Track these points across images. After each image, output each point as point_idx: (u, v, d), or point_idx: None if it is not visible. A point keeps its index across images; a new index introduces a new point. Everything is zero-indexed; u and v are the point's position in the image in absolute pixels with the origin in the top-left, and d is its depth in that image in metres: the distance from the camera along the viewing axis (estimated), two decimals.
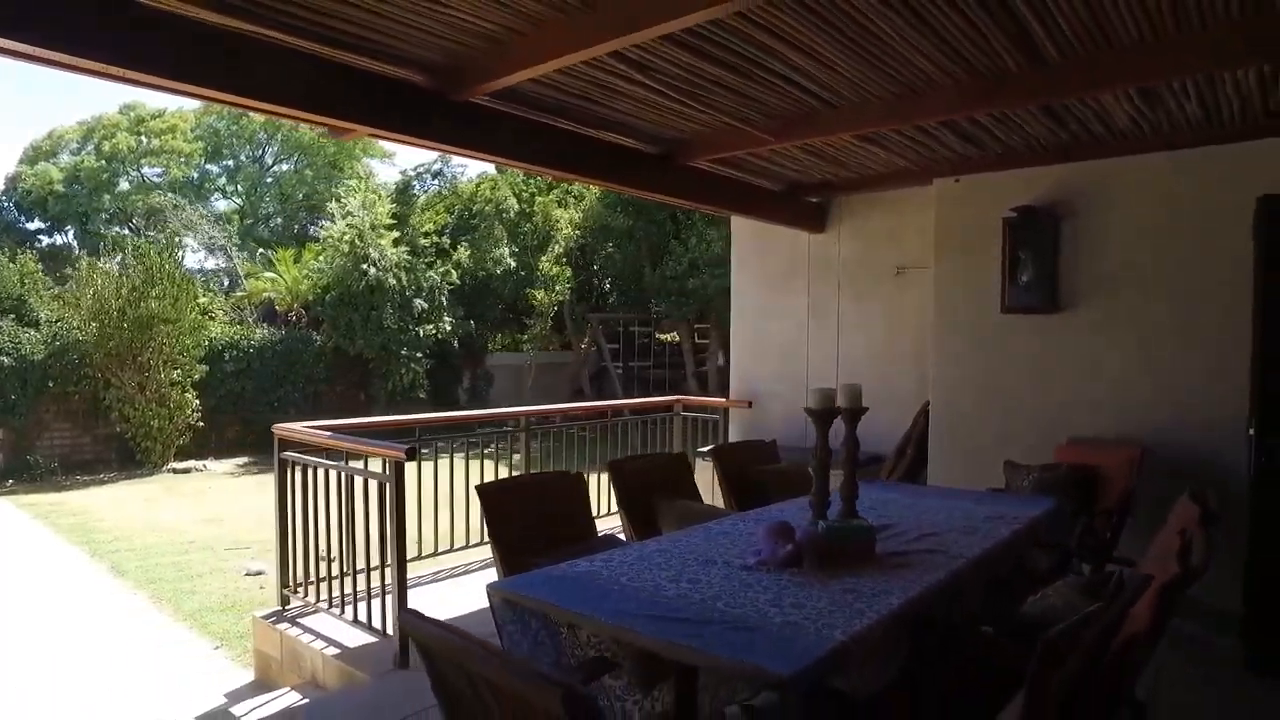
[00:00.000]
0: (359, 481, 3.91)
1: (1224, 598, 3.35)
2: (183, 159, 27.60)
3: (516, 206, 15.80)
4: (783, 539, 2.38)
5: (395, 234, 14.53)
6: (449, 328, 15.54)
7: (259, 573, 6.82)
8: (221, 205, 29.89)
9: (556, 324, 17.03)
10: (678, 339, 20.10)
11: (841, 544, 2.45)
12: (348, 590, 3.94)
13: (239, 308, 14.73)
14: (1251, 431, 3.60)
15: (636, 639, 1.85)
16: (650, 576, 2.23)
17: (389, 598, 3.78)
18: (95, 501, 9.78)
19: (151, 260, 11.85)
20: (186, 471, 11.95)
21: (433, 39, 2.83)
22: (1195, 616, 3.42)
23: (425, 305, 14.79)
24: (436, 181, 18.30)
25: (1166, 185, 4.17)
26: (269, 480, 4.48)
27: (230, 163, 30.00)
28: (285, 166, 30.89)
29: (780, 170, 5.22)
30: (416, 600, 3.92)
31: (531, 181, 16.55)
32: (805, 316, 6.25)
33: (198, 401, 12.35)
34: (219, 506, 9.48)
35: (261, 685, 4.14)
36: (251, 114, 17.10)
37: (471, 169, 18.74)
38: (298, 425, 4.32)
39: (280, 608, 4.30)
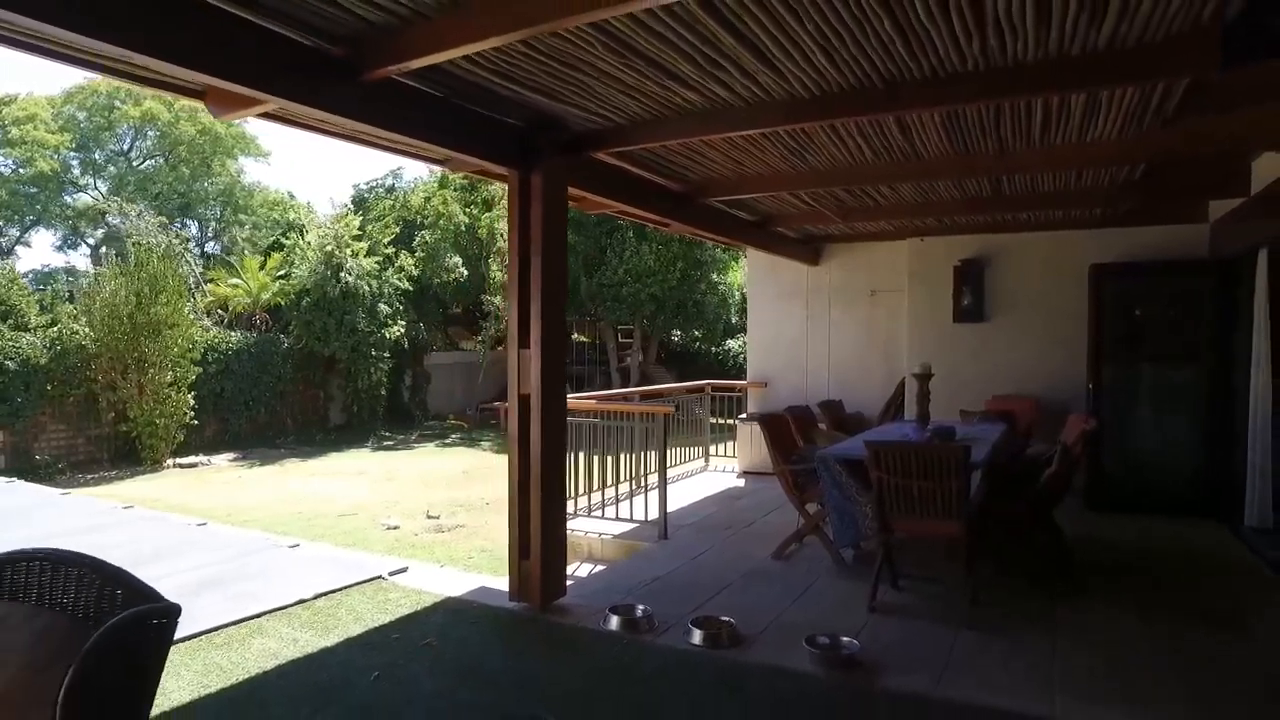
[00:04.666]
0: (625, 431, 6.18)
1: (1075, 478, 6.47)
2: (50, 151, 25.99)
3: (465, 221, 17.51)
4: (919, 430, 5.07)
5: (363, 244, 15.84)
6: (401, 330, 16.98)
7: (395, 527, 8.59)
8: (82, 199, 28.33)
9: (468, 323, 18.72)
10: (587, 339, 22.52)
11: (944, 433, 5.16)
12: (608, 498, 6.18)
13: (207, 312, 15.36)
14: (1090, 386, 6.80)
15: (869, 450, 4.45)
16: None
17: (637, 500, 6.10)
18: (143, 492, 10.68)
19: (155, 267, 12.59)
20: (193, 466, 12.80)
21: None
22: None
23: (388, 309, 16.20)
24: (389, 196, 19.44)
25: (1045, 251, 7.36)
26: (286, 468, 6.56)
27: (97, 155, 28.42)
28: (155, 162, 29.67)
29: (804, 227, 7.96)
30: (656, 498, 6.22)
31: (478, 199, 18.28)
32: (805, 323, 9.06)
33: (193, 400, 13.17)
34: (268, 491, 10.78)
35: None
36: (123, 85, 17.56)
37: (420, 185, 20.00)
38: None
39: None
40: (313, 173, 57.59)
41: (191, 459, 13.04)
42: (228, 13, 2.82)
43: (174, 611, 1.42)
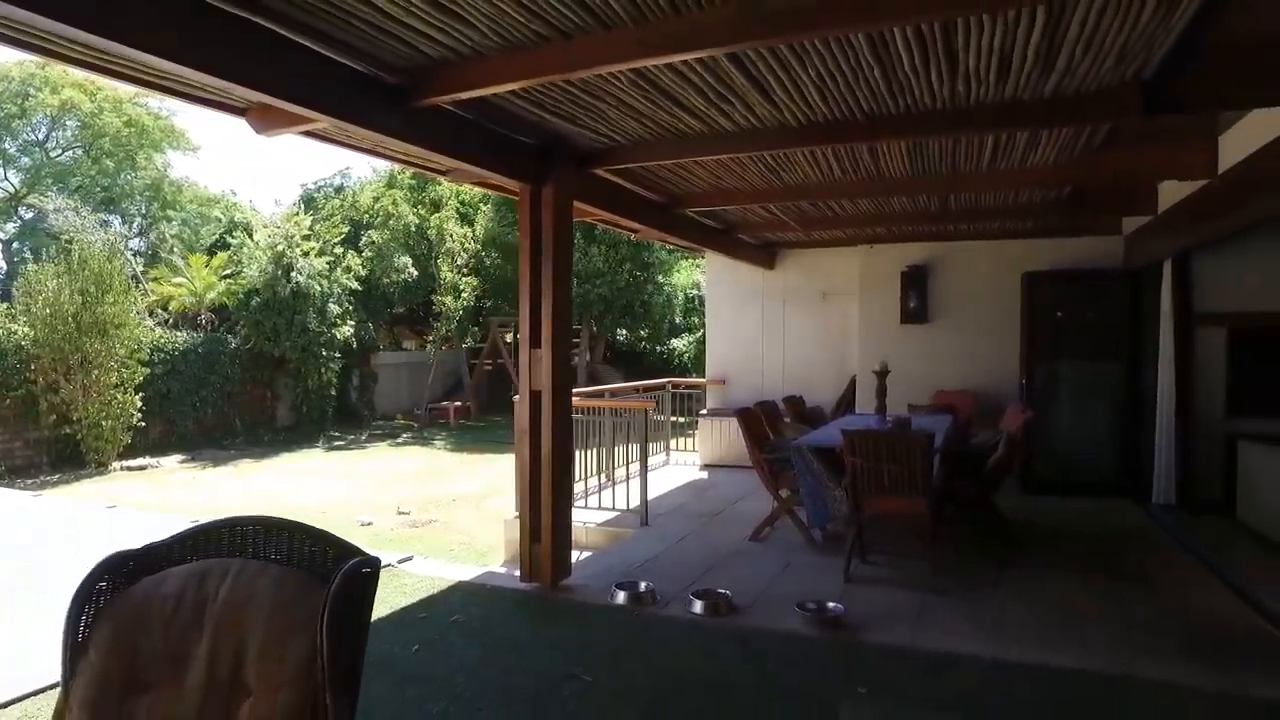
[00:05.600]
0: (605, 426, 6.58)
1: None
2: None
3: (415, 221, 17.54)
4: (881, 421, 5.66)
5: (314, 244, 15.73)
6: (351, 330, 16.91)
7: (369, 524, 8.77)
8: None
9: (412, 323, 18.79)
10: (513, 338, 22.65)
11: (902, 422, 5.77)
12: (590, 488, 6.57)
13: (150, 311, 14.97)
14: (1024, 382, 7.57)
15: (845, 438, 5.01)
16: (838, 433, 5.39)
17: (619, 488, 6.52)
18: (100, 494, 10.48)
19: (101, 265, 12.29)
20: (142, 469, 12.55)
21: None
22: None
23: (338, 309, 16.12)
24: (338, 196, 19.22)
25: (982, 259, 8.11)
26: (241, 468, 6.83)
27: (9, 145, 26.95)
28: (75, 153, 28.31)
29: (765, 234, 8.52)
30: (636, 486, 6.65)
31: (426, 200, 18.31)
32: (761, 323, 9.64)
33: (140, 402, 12.90)
34: (230, 492, 10.74)
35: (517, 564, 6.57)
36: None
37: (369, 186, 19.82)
38: None
39: (518, 511, 6.76)
40: (249, 170, 55.92)
41: (140, 461, 12.78)
42: (292, 40, 3.08)
43: (378, 562, 1.78)
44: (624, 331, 21.88)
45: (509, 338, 20.15)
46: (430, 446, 15.65)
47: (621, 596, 4.51)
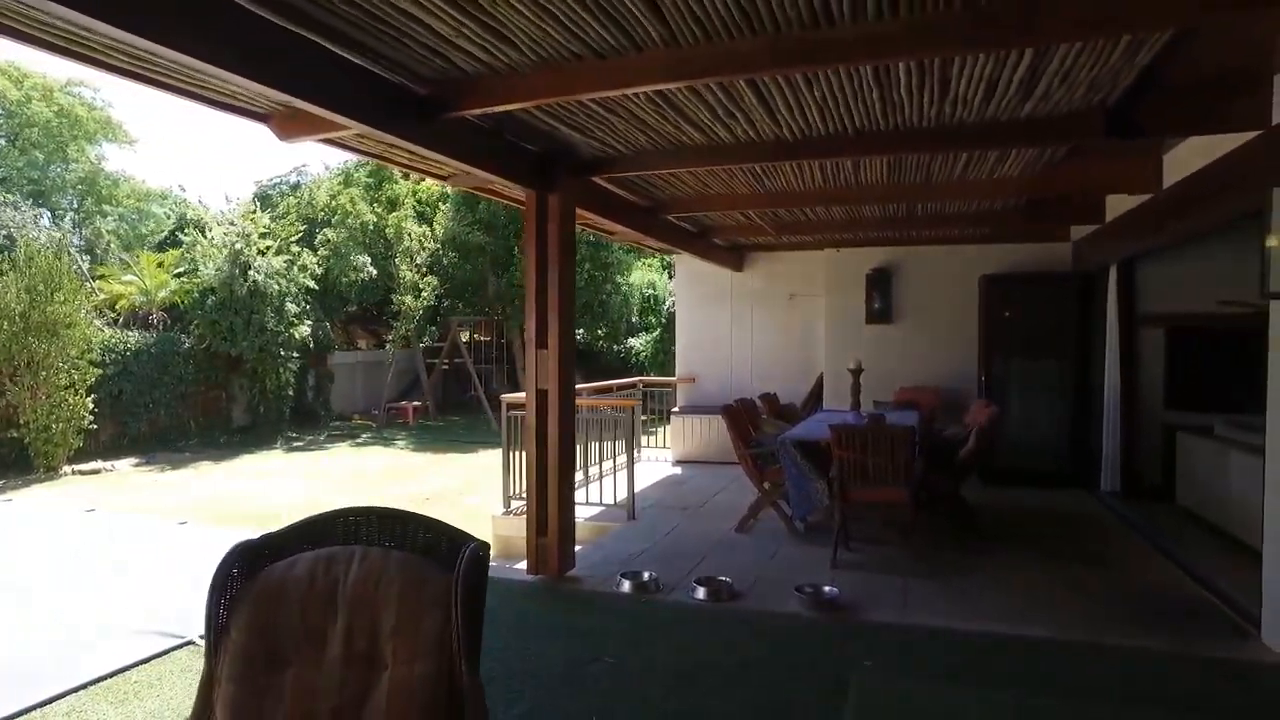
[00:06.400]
0: (591, 423, 6.77)
1: None
2: None
3: (374, 220, 17.37)
4: (859, 416, 6.02)
5: (271, 242, 15.45)
6: (308, 330, 16.66)
7: None
8: None
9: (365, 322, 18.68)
10: (487, 338, 22.63)
11: (876, 417, 6.13)
12: (576, 482, 6.75)
13: (98, 311, 14.48)
14: (983, 378, 8.06)
15: (834, 432, 5.35)
16: (820, 428, 5.72)
17: (607, 481, 6.73)
18: (54, 499, 10.17)
19: (48, 264, 11.89)
20: (95, 473, 12.19)
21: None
22: None
23: (295, 308, 15.87)
24: (294, 193, 18.83)
25: (942, 262, 8.59)
26: (201, 470, 6.92)
27: None
28: None
29: (737, 237, 8.83)
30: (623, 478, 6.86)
31: (383, 198, 18.13)
32: (730, 323, 9.96)
33: (92, 404, 12.51)
34: (197, 493, 10.56)
35: (508, 558, 6.73)
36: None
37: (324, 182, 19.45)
38: (517, 395, 6.96)
39: (505, 508, 6.92)
40: (187, 165, 53.93)
41: (92, 465, 12.41)
42: (333, 52, 3.21)
43: (488, 546, 1.97)
44: (581, 330, 22.03)
45: (465, 336, 20.13)
46: (392, 446, 15.56)
47: (627, 585, 4.73)
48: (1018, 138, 4.32)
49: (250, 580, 1.90)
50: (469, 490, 10.88)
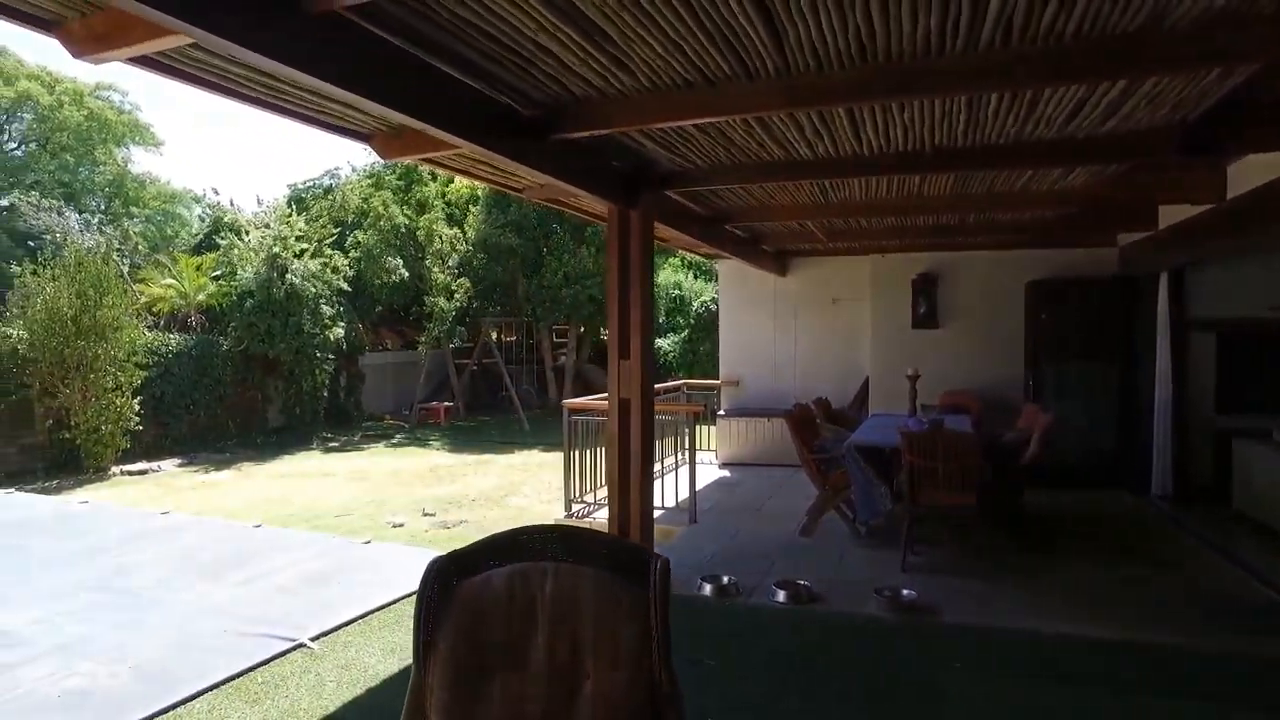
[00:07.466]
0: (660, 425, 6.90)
1: None
2: None
3: (405, 223, 17.56)
4: (918, 421, 6.13)
5: (307, 245, 15.67)
6: (341, 331, 16.87)
7: (401, 524, 8.94)
8: None
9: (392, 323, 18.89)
10: (514, 339, 22.79)
11: (936, 422, 6.24)
12: None
13: (137, 313, 14.72)
14: (1030, 382, 8.15)
15: (904, 438, 5.46)
16: (880, 433, 5.83)
17: (667, 479, 6.87)
18: (115, 499, 10.41)
19: (98, 269, 12.13)
20: (143, 473, 12.42)
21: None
22: None
23: (331, 310, 16.09)
24: (327, 196, 19.05)
25: (988, 268, 8.68)
26: (245, 471, 7.08)
27: None
28: (31, 147, 27.34)
29: (787, 244, 8.95)
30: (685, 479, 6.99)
31: (412, 200, 18.33)
32: (773, 327, 10.07)
33: (138, 406, 12.76)
34: (248, 495, 10.78)
35: None
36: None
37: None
38: (580, 400, 7.11)
39: (567, 511, 7.07)
40: (212, 168, 54.49)
41: (139, 465, 12.65)
42: (451, 75, 3.33)
43: (668, 559, 2.12)
44: (607, 331, 22.11)
45: (493, 336, 20.28)
46: (427, 447, 15.75)
47: (708, 589, 4.88)
48: (1090, 155, 4.42)
49: (448, 594, 2.05)
50: (511, 491, 11.04)
